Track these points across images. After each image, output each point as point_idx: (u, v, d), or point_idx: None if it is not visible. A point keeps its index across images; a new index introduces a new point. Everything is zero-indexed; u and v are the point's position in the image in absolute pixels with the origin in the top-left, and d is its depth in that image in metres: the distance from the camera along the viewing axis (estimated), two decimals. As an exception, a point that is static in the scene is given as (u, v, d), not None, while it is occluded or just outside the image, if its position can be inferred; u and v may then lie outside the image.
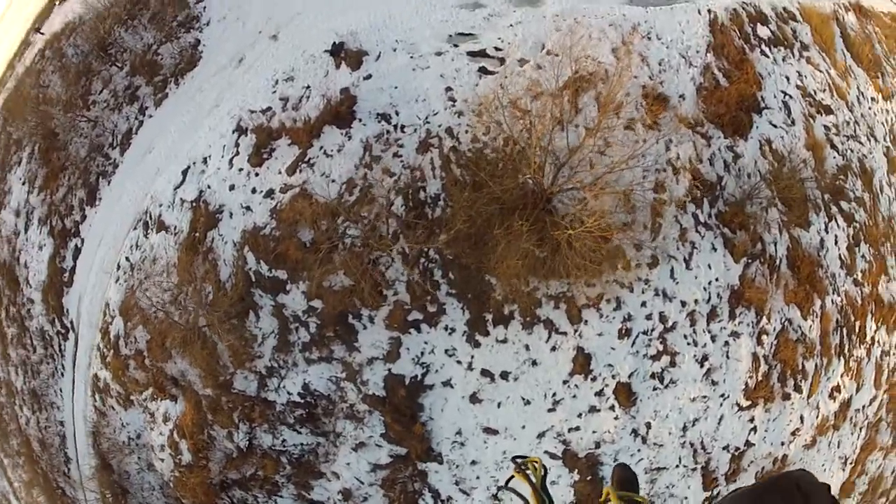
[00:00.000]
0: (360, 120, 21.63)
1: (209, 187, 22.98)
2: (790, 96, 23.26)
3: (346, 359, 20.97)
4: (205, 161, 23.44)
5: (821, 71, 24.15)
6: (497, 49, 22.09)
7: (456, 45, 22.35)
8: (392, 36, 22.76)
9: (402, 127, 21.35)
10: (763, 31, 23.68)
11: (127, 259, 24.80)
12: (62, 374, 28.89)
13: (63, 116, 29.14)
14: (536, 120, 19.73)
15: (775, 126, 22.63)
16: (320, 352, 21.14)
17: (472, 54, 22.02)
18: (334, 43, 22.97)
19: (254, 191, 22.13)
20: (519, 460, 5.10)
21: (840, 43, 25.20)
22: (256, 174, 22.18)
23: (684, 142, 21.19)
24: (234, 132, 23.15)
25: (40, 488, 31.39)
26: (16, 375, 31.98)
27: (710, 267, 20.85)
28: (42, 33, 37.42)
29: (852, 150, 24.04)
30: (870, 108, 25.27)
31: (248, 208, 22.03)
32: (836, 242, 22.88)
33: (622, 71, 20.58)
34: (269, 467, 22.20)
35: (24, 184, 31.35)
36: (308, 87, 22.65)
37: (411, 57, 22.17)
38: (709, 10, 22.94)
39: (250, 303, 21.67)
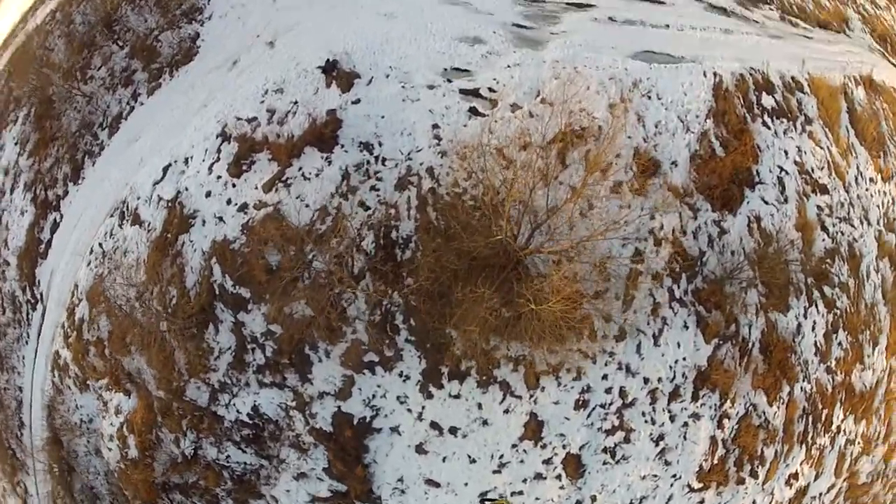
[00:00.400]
0: (343, 146, 20.41)
1: (187, 189, 21.81)
2: (786, 172, 21.78)
3: (298, 388, 20.01)
4: (186, 161, 22.23)
5: (822, 147, 22.59)
6: (491, 90, 20.78)
7: (450, 81, 21.07)
8: (387, 61, 21.53)
9: (384, 160, 20.16)
10: (767, 101, 22.23)
11: (100, 245, 23.75)
12: (26, 343, 27.73)
13: (61, 85, 27.95)
14: (521, 172, 18.40)
15: (767, 203, 21.25)
16: (273, 377, 20.17)
17: (464, 92, 20.74)
18: (328, 60, 21.68)
19: (229, 202, 20.99)
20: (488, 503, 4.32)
21: (846, 118, 23.48)
22: (234, 185, 21.01)
23: (670, 212, 19.93)
24: (217, 137, 21.92)
25: None
26: None
27: (679, 345, 19.71)
28: None
29: (843, 233, 22.47)
30: (867, 190, 23.50)
31: (220, 219, 20.92)
32: (813, 329, 21.52)
33: (616, 130, 19.33)
34: (210, 479, 21.33)
35: (16, 144, 30.21)
36: (296, 102, 21.39)
37: (403, 86, 20.96)
38: (715, 73, 21.61)
39: (211, 315, 20.67)
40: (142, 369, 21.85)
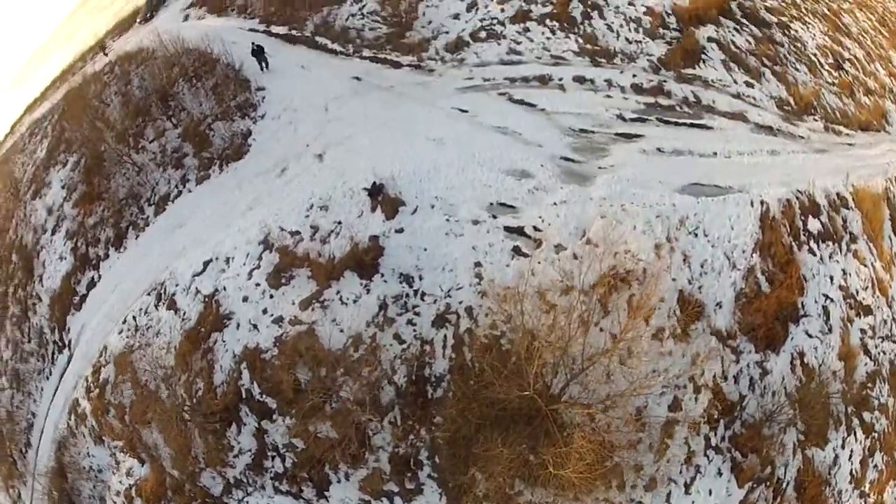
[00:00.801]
0: (383, 275, 19.47)
1: (225, 289, 20.95)
2: (831, 300, 19.90)
3: (314, 503, 19.32)
4: (227, 261, 21.31)
5: (866, 265, 20.79)
6: (536, 229, 19.50)
7: (495, 217, 19.69)
8: (433, 191, 20.45)
9: (423, 294, 19.14)
10: (814, 225, 20.64)
11: (134, 318, 22.85)
12: (47, 378, 26.98)
13: (113, 146, 27.49)
14: (560, 317, 17.57)
15: (811, 336, 19.62)
16: (290, 486, 19.22)
17: (509, 230, 19.53)
18: (374, 183, 20.65)
19: (265, 311, 20.06)
20: None
21: (888, 227, 22.10)
22: (271, 296, 20.26)
23: (712, 357, 18.43)
24: (260, 244, 21.02)
25: None
26: (5, 348, 29.96)
27: (710, 493, 18.30)
28: (106, 54, 36.00)
29: (885, 353, 20.74)
30: None
31: (255, 326, 20.11)
32: (850, 457, 19.77)
33: (661, 272, 18.23)
34: (209, 563, 20.65)
35: (63, 188, 29.56)
36: (340, 223, 20.51)
37: (447, 219, 19.76)
38: (762, 202, 20.06)
39: (235, 416, 19.70)
40: (159, 445, 20.83)
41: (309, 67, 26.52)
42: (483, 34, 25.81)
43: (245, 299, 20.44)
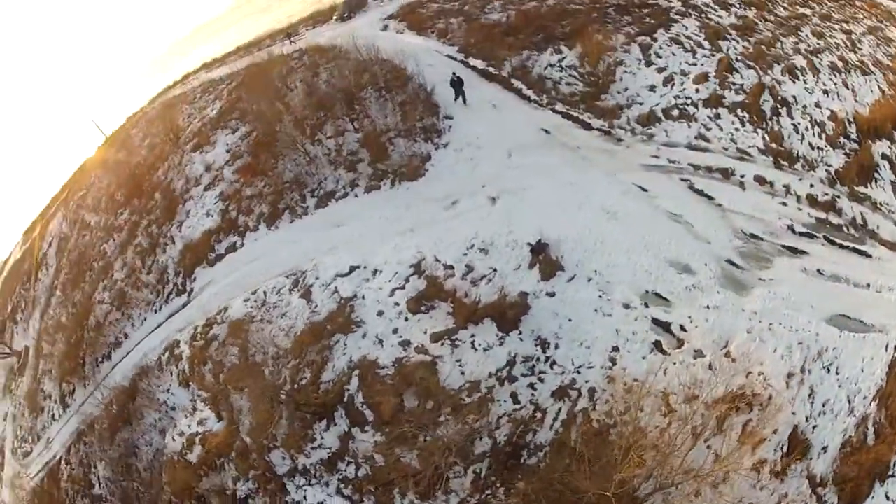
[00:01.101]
0: (521, 333, 19.57)
1: (363, 297, 21.50)
2: None
3: None
4: (374, 273, 21.95)
5: None
6: (682, 328, 19.10)
7: (647, 305, 19.25)
8: (594, 264, 20.34)
9: (554, 363, 19.11)
10: None
11: (264, 293, 23.79)
12: (155, 311, 28.28)
13: (289, 129, 29.02)
14: (676, 424, 17.70)
15: (889, 500, 17.79)
16: (353, 493, 19.22)
17: (656, 322, 19.21)
18: (539, 241, 20.94)
19: (395, 331, 20.49)
20: None
21: None
22: (406, 319, 20.71)
23: (799, 502, 17.65)
24: (411, 267, 21.56)
25: (67, 339, 30.80)
26: (119, 269, 31.58)
27: None
28: (293, 41, 38.10)
29: None
30: None
31: (381, 342, 20.47)
32: None
33: (785, 403, 17.73)
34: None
35: (228, 152, 31.24)
36: (495, 270, 20.79)
37: (600, 296, 19.52)
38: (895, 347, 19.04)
39: (330, 414, 20.07)
40: (243, 411, 21.32)
41: (500, 108, 26.98)
42: (675, 112, 25.50)
43: (380, 314, 20.94)
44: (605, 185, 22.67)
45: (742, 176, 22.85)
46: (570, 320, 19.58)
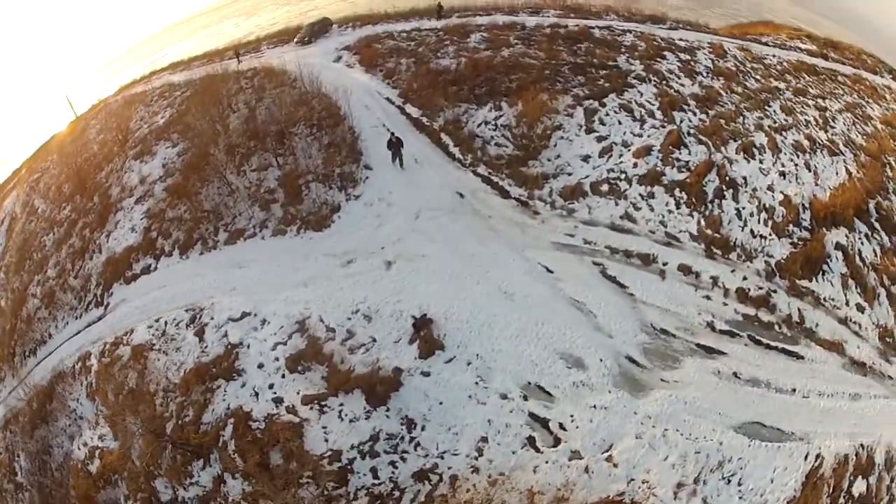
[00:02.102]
0: (388, 410, 19.67)
1: (248, 346, 21.68)
2: None
3: None
4: (262, 323, 22.04)
5: None
6: (561, 427, 18.19)
7: (525, 398, 18.71)
8: (477, 347, 19.81)
9: (418, 444, 19.19)
10: (859, 487, 18.36)
11: (165, 323, 24.19)
12: (76, 318, 28.54)
13: (220, 155, 29.03)
14: None
15: None
16: None
17: (533, 417, 18.83)
18: (424, 315, 20.83)
19: (271, 387, 20.70)
20: None
21: None
22: (283, 376, 20.88)
23: None
24: (296, 323, 21.71)
25: (2, 326, 31.21)
26: (52, 267, 31.52)
27: None
28: (240, 61, 37.91)
29: None
30: None
31: (257, 395, 20.67)
32: None
33: None
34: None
35: (163, 166, 31.42)
36: (374, 340, 20.82)
37: (476, 382, 19.16)
38: (817, 456, 18.26)
39: (206, 455, 20.53)
40: (136, 435, 21.67)
41: (422, 163, 26.24)
42: (605, 187, 24.58)
43: (260, 366, 21.22)
44: (508, 261, 22.09)
45: (665, 264, 22.00)
46: (440, 403, 19.47)
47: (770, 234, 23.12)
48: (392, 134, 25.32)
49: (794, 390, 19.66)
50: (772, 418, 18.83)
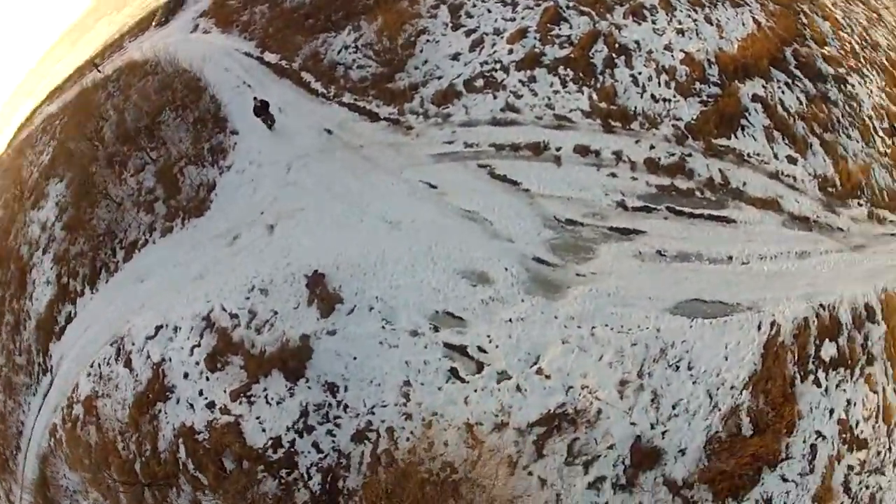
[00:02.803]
0: (307, 380, 18.59)
1: (170, 360, 20.58)
2: (823, 437, 16.98)
3: None
4: (175, 331, 20.85)
5: (876, 391, 17.64)
6: (481, 350, 17.40)
7: (436, 329, 17.70)
8: (374, 289, 18.48)
9: (346, 406, 18.21)
10: (828, 351, 17.55)
11: (98, 366, 23.36)
12: (33, 394, 27.30)
13: (101, 170, 27.50)
14: (486, 455, 16.83)
15: (786, 480, 16.91)
16: None
17: (449, 347, 17.57)
18: (315, 272, 19.22)
19: (200, 393, 19.78)
20: None
21: None
22: (207, 378, 19.84)
23: None
24: (203, 320, 20.44)
25: None
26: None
27: None
28: (100, 70, 35.32)
29: (868, 487, 17.80)
30: None
31: (191, 406, 19.81)
32: None
33: (620, 415, 16.76)
34: None
35: (56, 205, 29.97)
36: (276, 312, 19.44)
37: (383, 326, 17.98)
38: (772, 324, 17.20)
39: (175, 483, 20.09)
40: (118, 489, 21.35)
41: (286, 111, 23.55)
42: (480, 82, 22.32)
43: (185, 376, 20.24)
44: (387, 188, 20.32)
45: (558, 149, 20.38)
46: (354, 358, 18.35)
47: (675, 96, 21.47)
48: (255, 99, 22.71)
49: (730, 258, 18.52)
50: (711, 292, 17.78)
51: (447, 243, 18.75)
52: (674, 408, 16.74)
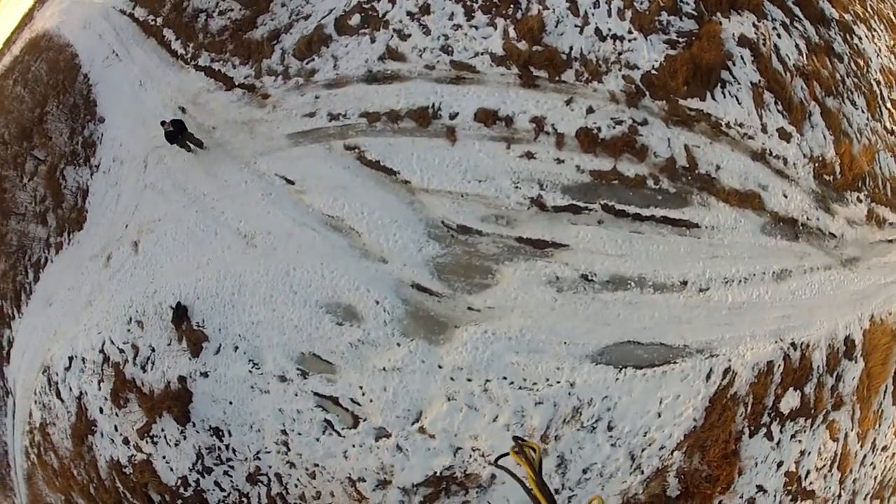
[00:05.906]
0: (194, 424, 17.08)
1: (86, 394, 19.67)
2: (765, 491, 14.53)
3: None
4: (83, 363, 19.65)
5: (837, 439, 15.04)
6: (354, 402, 14.96)
7: (304, 375, 15.35)
8: (236, 325, 16.00)
9: (234, 450, 16.83)
10: (790, 402, 14.43)
11: (39, 394, 22.43)
12: (5, 416, 27.38)
13: (9, 172, 25.96)
14: None
15: None
16: None
17: (320, 396, 15.39)
18: (179, 304, 16.95)
19: (115, 429, 18.89)
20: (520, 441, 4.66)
21: (890, 381, 15.75)
22: (117, 414, 19.01)
23: None
24: (100, 353, 19.19)
25: None
26: None
27: None
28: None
29: None
30: (872, 465, 15.83)
31: (112, 441, 19.16)
32: None
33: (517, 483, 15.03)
34: None
35: None
36: (153, 350, 17.44)
37: (251, 370, 15.90)
38: (726, 372, 13.89)
39: None
40: None
41: (146, 83, 20.13)
42: (356, 18, 17.61)
43: (101, 411, 19.25)
44: (240, 188, 16.87)
45: (453, 116, 15.38)
46: (230, 403, 16.57)
47: (630, 32, 15.78)
48: (162, 122, 17.37)
49: (684, 283, 14.31)
50: (651, 332, 13.97)
51: (307, 265, 15.44)
52: (584, 472, 14.14)
